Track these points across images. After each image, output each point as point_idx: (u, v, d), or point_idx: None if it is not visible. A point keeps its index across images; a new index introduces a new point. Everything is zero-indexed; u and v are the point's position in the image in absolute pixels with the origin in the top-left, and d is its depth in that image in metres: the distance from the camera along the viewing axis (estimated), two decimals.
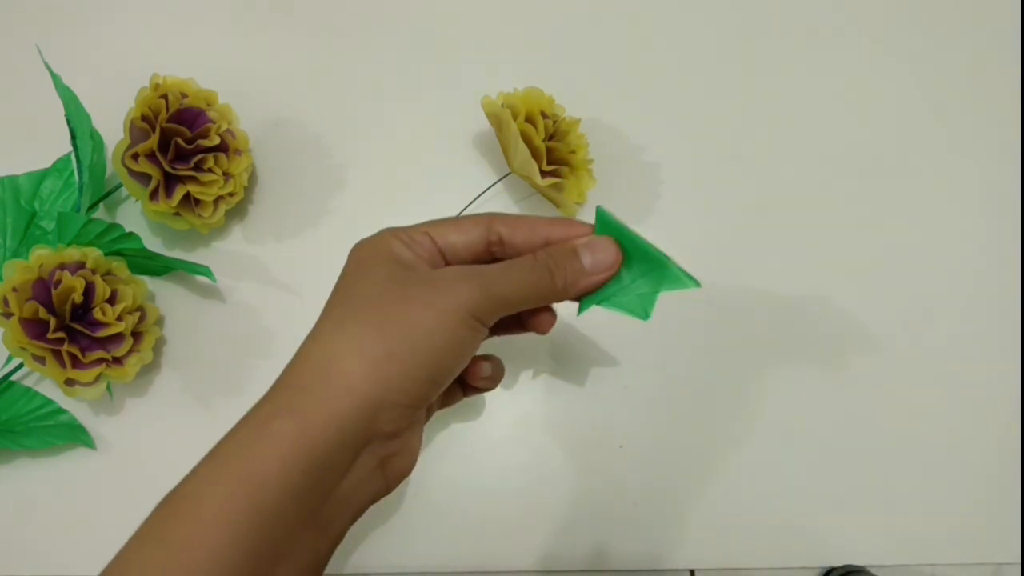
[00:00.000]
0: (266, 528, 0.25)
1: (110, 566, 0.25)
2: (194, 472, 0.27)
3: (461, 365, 0.29)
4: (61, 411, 0.42)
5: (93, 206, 0.44)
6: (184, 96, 0.42)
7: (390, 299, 0.28)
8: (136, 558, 0.25)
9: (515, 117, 0.41)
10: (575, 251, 0.31)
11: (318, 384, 0.27)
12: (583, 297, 0.32)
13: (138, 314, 0.41)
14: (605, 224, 0.32)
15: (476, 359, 0.35)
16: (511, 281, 0.29)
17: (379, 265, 0.29)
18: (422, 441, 0.32)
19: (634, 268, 0.32)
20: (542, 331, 0.34)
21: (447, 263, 0.31)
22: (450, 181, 0.47)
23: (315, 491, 0.27)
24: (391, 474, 0.30)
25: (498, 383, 0.36)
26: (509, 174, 0.45)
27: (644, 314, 0.32)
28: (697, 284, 0.31)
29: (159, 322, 0.44)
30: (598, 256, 0.31)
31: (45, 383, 0.43)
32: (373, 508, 0.31)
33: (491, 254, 0.32)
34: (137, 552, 0.25)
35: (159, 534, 0.25)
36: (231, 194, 0.43)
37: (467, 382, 0.36)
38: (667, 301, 0.32)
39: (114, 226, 0.40)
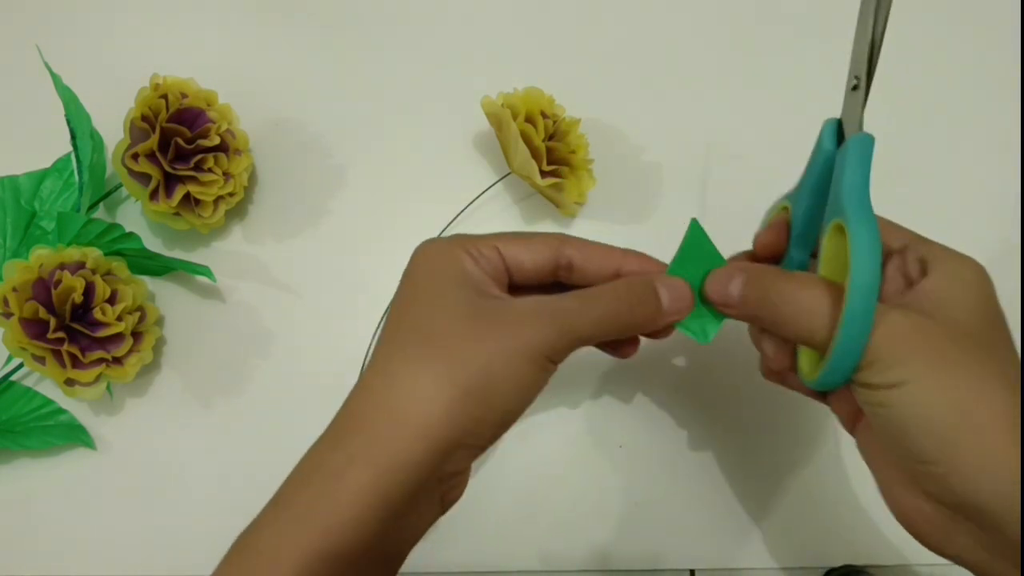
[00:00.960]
0: (340, 564, 0.25)
1: None
2: (267, 522, 0.26)
3: (528, 404, 0.28)
4: (61, 411, 0.42)
5: (93, 206, 0.44)
6: (184, 96, 0.42)
7: (463, 334, 0.27)
8: None
9: (515, 117, 0.41)
10: (654, 289, 0.29)
11: (391, 428, 0.26)
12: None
13: (138, 314, 0.41)
14: (695, 237, 0.31)
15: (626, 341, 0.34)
16: (589, 318, 0.28)
17: (449, 289, 0.28)
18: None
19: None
20: (626, 357, 0.33)
21: (511, 281, 0.30)
22: (450, 181, 0.47)
23: (388, 534, 0.26)
24: (448, 503, 0.30)
25: None
26: (509, 174, 0.45)
27: (704, 337, 0.31)
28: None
29: (159, 322, 0.44)
30: (675, 296, 0.30)
31: (45, 383, 0.43)
32: None
33: (557, 277, 0.31)
34: None
35: None
36: (231, 194, 0.43)
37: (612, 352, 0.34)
38: None
39: (114, 226, 0.40)
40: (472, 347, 0.26)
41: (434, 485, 0.27)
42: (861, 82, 0.28)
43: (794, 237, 0.32)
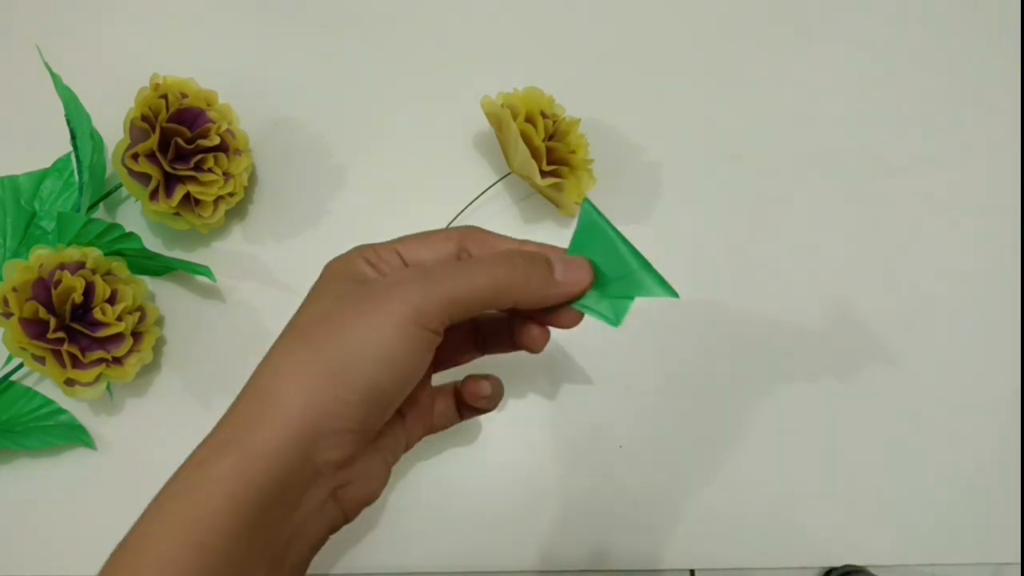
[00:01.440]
0: (215, 569, 0.24)
1: None
2: (140, 519, 0.26)
3: (407, 380, 0.27)
4: (61, 411, 0.42)
5: (93, 206, 0.44)
6: (184, 96, 0.42)
7: (336, 317, 0.26)
8: None
9: (515, 117, 0.41)
10: (547, 260, 0.29)
11: (255, 416, 0.26)
12: (548, 307, 0.30)
13: (138, 314, 0.41)
14: (589, 217, 0.31)
15: (474, 378, 0.33)
16: (468, 282, 0.27)
17: (336, 284, 0.28)
18: (388, 470, 0.31)
19: (610, 273, 0.30)
20: (534, 349, 0.31)
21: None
22: (450, 181, 0.47)
23: (263, 527, 0.25)
24: (348, 504, 0.28)
25: (497, 403, 0.34)
26: (509, 174, 0.45)
27: (615, 320, 0.30)
28: (674, 295, 0.30)
29: (159, 322, 0.44)
30: (570, 270, 0.29)
31: (45, 383, 0.43)
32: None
33: None
34: None
35: None
36: (231, 194, 0.43)
37: (464, 402, 0.34)
38: (666, 300, 0.32)
39: (114, 226, 0.40)
40: (335, 328, 0.26)
41: (311, 477, 0.26)
42: None
43: None
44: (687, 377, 0.44)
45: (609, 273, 0.30)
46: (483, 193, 0.46)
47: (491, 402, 0.34)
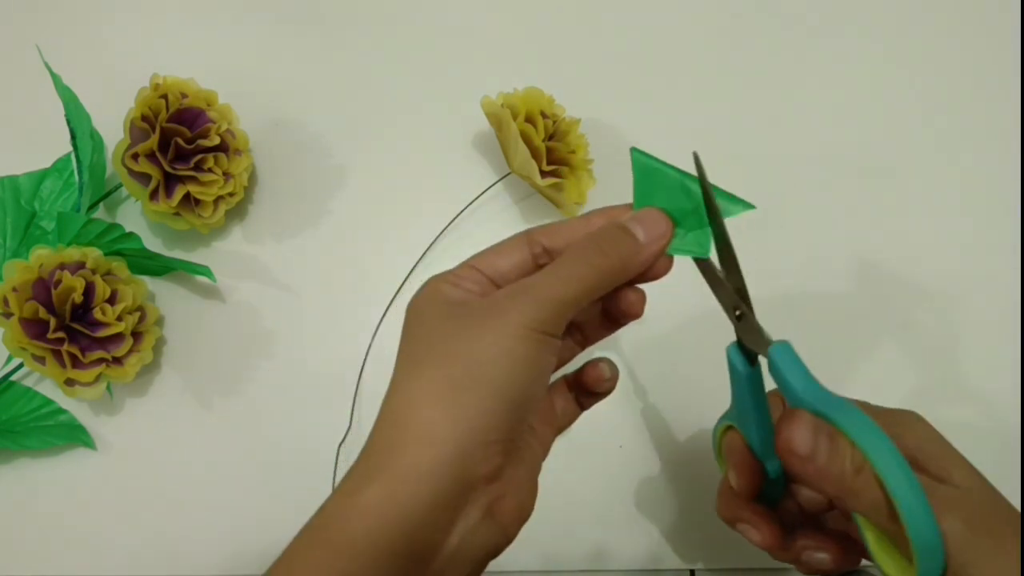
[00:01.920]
0: None
1: None
2: (288, 548, 0.26)
3: (540, 384, 0.27)
4: (61, 411, 0.42)
5: (93, 206, 0.44)
6: (184, 96, 0.42)
7: (450, 337, 0.26)
8: None
9: (515, 117, 0.41)
10: (624, 227, 0.29)
11: (399, 440, 0.25)
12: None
13: (138, 314, 0.41)
14: (640, 164, 0.30)
15: (591, 364, 0.33)
16: (562, 279, 0.27)
17: (431, 309, 0.28)
18: (535, 481, 0.30)
19: (683, 209, 0.30)
20: (635, 313, 0.30)
21: (490, 281, 0.30)
22: (450, 181, 0.47)
23: (415, 554, 0.25)
24: (506, 519, 0.28)
25: (616, 382, 0.34)
26: (509, 174, 0.45)
27: (703, 251, 0.29)
28: (750, 206, 0.30)
29: (159, 322, 0.44)
30: (649, 227, 0.29)
31: (45, 383, 0.43)
32: None
33: (540, 267, 0.30)
34: None
35: None
36: (231, 194, 0.43)
37: (588, 389, 0.33)
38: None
39: (114, 226, 0.40)
40: (458, 343, 0.26)
41: (463, 494, 0.26)
42: (744, 311, 0.30)
43: (760, 453, 0.32)
44: (687, 377, 0.44)
45: (682, 209, 0.30)
46: (483, 193, 0.46)
47: (612, 382, 0.33)
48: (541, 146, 0.41)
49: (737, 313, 0.30)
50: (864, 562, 0.34)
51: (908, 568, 0.26)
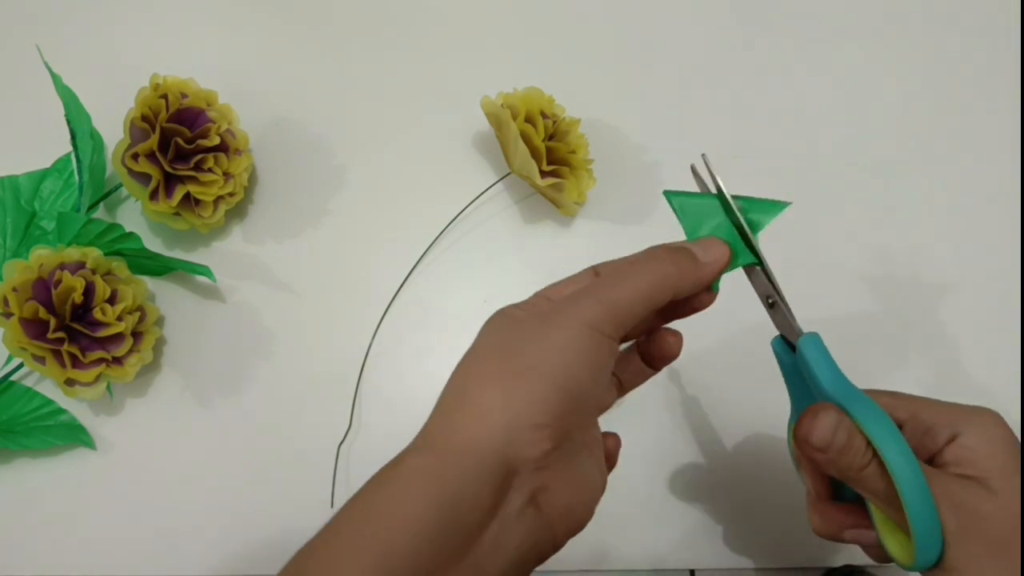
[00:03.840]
0: (399, 571, 0.23)
1: None
2: (335, 516, 0.26)
3: (595, 382, 0.28)
4: (61, 411, 0.42)
5: (93, 206, 0.44)
6: (184, 96, 0.42)
7: (515, 338, 0.27)
8: None
9: (515, 117, 0.41)
10: (684, 247, 0.30)
11: (451, 419, 0.26)
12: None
13: (138, 314, 0.41)
14: (676, 203, 0.31)
15: (663, 335, 0.33)
16: (622, 283, 0.28)
17: (503, 320, 0.29)
18: (592, 488, 0.30)
19: (730, 229, 0.31)
20: (673, 356, 0.32)
21: None
22: (450, 181, 0.47)
23: (454, 530, 0.24)
24: (553, 515, 0.28)
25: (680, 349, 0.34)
26: (509, 174, 0.45)
27: (750, 258, 0.31)
28: (785, 205, 0.31)
29: (159, 322, 0.44)
30: (708, 250, 0.30)
31: (45, 383, 0.43)
32: None
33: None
34: None
35: None
36: (231, 194, 0.43)
37: (657, 358, 0.33)
38: None
39: (114, 226, 0.40)
40: (520, 341, 0.27)
41: (508, 476, 0.26)
42: (776, 299, 0.31)
43: None
44: (687, 376, 0.44)
45: (730, 230, 0.31)
46: (483, 193, 0.46)
47: (679, 350, 0.34)
48: (541, 146, 0.41)
49: (770, 301, 0.32)
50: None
51: (908, 545, 0.28)
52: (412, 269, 0.45)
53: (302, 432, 0.43)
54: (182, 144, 0.41)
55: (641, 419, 0.43)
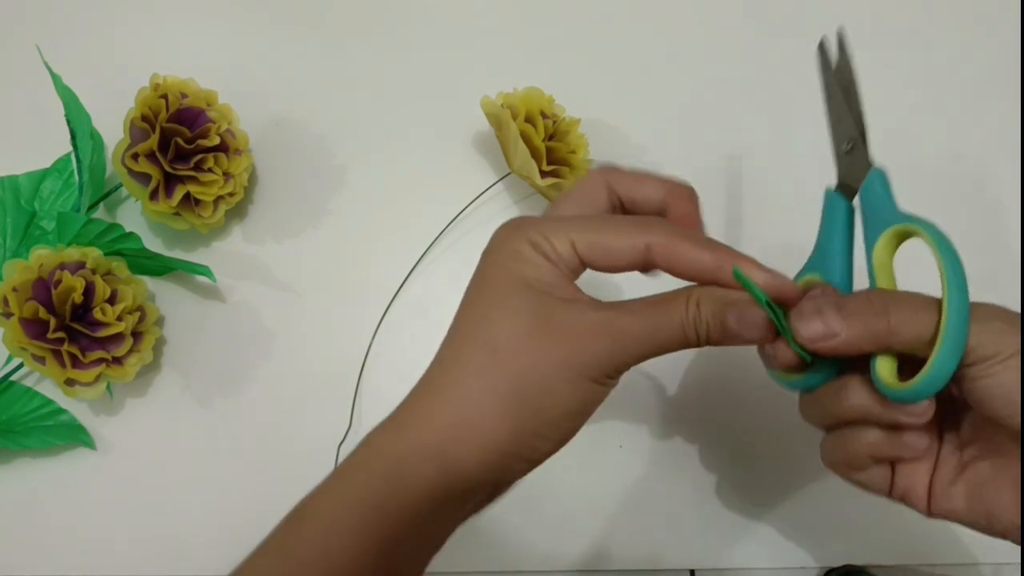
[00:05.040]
0: (386, 556, 0.26)
1: (235, 572, 0.27)
2: (326, 491, 0.27)
3: (588, 417, 0.28)
4: (61, 411, 0.42)
5: (93, 206, 0.44)
6: (184, 96, 0.42)
7: (524, 349, 0.26)
8: (253, 568, 0.27)
9: (515, 117, 0.41)
10: (723, 311, 0.27)
11: (452, 431, 0.26)
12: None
13: (138, 314, 0.41)
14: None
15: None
16: (653, 340, 0.27)
17: (514, 293, 0.27)
18: None
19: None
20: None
21: (583, 266, 0.28)
22: (450, 181, 0.47)
23: (438, 528, 0.27)
24: (494, 498, 0.30)
25: None
26: (509, 174, 0.45)
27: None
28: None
29: (159, 322, 0.44)
30: (745, 323, 0.27)
31: (45, 383, 0.43)
32: None
33: (642, 270, 0.29)
34: (257, 562, 0.27)
35: (282, 548, 0.27)
36: (231, 194, 0.43)
37: None
38: None
39: (114, 226, 0.40)
40: (532, 362, 0.26)
41: (482, 491, 0.27)
42: (857, 143, 0.31)
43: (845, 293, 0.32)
44: (687, 377, 0.44)
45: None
46: (483, 193, 0.46)
47: None
48: (541, 146, 0.41)
49: (849, 146, 0.31)
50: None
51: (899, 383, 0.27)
52: (412, 269, 0.45)
53: (302, 432, 0.43)
54: (182, 144, 0.41)
55: (641, 419, 0.44)
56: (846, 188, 0.32)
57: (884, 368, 0.27)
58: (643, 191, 0.31)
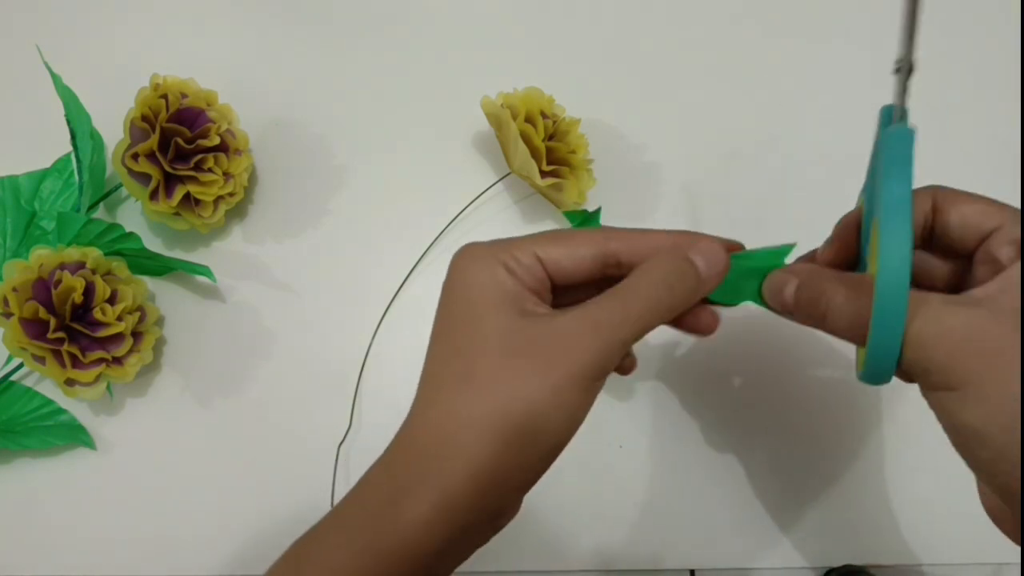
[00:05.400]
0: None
1: None
2: (323, 534, 0.26)
3: (579, 426, 0.27)
4: (61, 411, 0.42)
5: (93, 206, 0.44)
6: (184, 96, 0.42)
7: (507, 370, 0.26)
8: None
9: (515, 117, 0.41)
10: (688, 259, 0.28)
11: (444, 464, 0.25)
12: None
13: (138, 314, 0.41)
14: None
15: (703, 310, 0.30)
16: (632, 319, 0.26)
17: (488, 312, 0.27)
18: None
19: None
20: (707, 333, 0.30)
21: (554, 284, 0.28)
22: (450, 181, 0.47)
23: (438, 565, 0.26)
24: (498, 527, 0.29)
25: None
26: (509, 174, 0.45)
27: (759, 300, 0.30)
28: (790, 247, 0.30)
29: (159, 322, 0.44)
30: (710, 261, 0.28)
31: (45, 383, 0.43)
32: None
33: (605, 274, 0.29)
34: None
35: None
36: (231, 194, 0.43)
37: (690, 330, 0.31)
38: None
39: (114, 226, 0.40)
40: (517, 385, 0.26)
41: (486, 518, 0.27)
42: (903, 64, 0.27)
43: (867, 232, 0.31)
44: (687, 378, 0.44)
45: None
46: (483, 193, 0.46)
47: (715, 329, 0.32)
48: (541, 146, 0.41)
49: (897, 67, 0.27)
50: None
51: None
52: (412, 269, 0.45)
53: (302, 432, 0.43)
54: (182, 144, 0.41)
55: (641, 418, 0.44)
56: (892, 113, 0.28)
57: (858, 354, 0.28)
58: (638, 250, 0.29)
